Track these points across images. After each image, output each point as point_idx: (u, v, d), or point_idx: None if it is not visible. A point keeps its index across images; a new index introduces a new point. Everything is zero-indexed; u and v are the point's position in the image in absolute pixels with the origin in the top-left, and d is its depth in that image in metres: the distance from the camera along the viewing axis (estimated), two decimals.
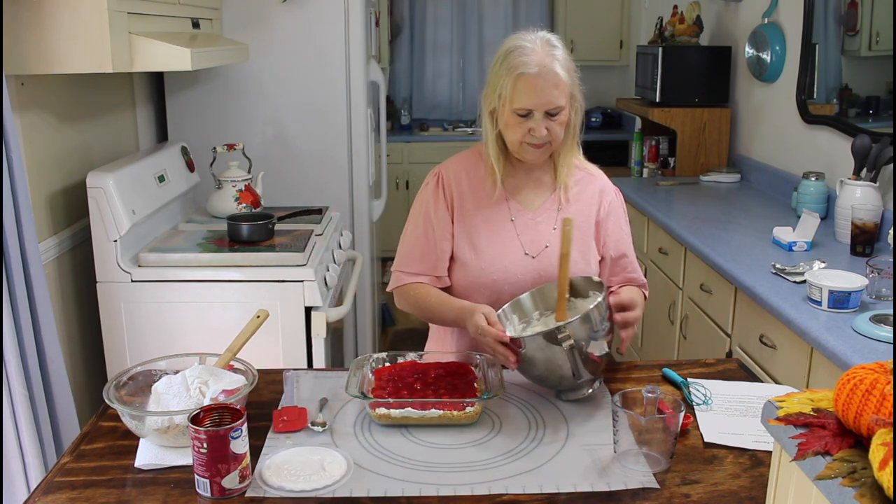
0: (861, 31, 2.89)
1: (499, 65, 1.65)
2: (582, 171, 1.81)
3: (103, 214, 2.31)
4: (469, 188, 1.77)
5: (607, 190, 1.82)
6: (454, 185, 1.77)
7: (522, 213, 1.76)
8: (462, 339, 1.82)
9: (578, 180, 1.79)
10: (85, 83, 2.59)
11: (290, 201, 3.16)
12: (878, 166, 2.59)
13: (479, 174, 1.77)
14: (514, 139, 1.67)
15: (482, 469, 1.32)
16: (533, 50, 1.62)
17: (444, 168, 1.80)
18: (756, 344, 2.29)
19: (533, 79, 1.60)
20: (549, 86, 1.61)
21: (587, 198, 1.79)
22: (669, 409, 1.34)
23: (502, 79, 1.63)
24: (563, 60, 1.65)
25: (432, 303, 1.72)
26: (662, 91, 3.88)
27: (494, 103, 1.67)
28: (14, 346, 1.91)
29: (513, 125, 1.65)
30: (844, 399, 0.90)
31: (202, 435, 1.20)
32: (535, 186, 1.78)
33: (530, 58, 1.61)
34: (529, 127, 1.63)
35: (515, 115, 1.63)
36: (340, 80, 3.19)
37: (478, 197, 1.76)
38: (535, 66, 1.60)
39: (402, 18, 5.97)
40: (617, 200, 1.83)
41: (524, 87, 1.60)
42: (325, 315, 2.37)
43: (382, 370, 1.59)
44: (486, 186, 1.76)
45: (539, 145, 1.66)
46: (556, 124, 1.65)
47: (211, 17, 2.91)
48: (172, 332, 2.36)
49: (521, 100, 1.61)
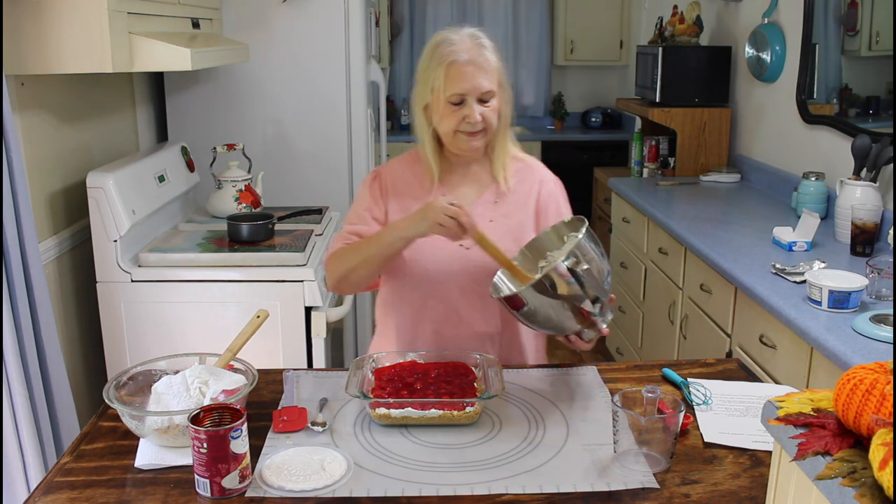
0: (861, 31, 2.89)
1: (427, 59, 1.68)
2: (520, 163, 1.83)
3: (103, 214, 2.31)
4: (406, 185, 1.79)
5: (546, 180, 1.84)
6: (390, 184, 1.79)
7: None
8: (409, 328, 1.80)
9: (516, 171, 1.81)
10: (85, 83, 2.59)
11: (290, 201, 3.16)
12: (878, 166, 2.59)
13: (417, 172, 1.79)
14: (448, 129, 1.68)
15: (482, 469, 1.32)
16: (460, 41, 1.66)
17: (384, 167, 1.83)
18: (756, 344, 2.29)
19: (463, 65, 1.63)
20: (479, 71, 1.64)
21: (526, 188, 1.80)
22: (669, 409, 1.34)
23: (433, 71, 1.66)
24: (490, 48, 1.68)
25: (363, 244, 1.69)
26: (662, 91, 3.88)
27: (427, 98, 1.69)
28: (14, 346, 1.91)
29: (447, 115, 1.67)
30: (844, 399, 0.90)
31: (202, 435, 1.20)
32: (471, 181, 1.80)
33: (459, 46, 1.65)
34: (464, 114, 1.65)
35: (449, 104, 1.65)
36: (340, 80, 3.19)
37: (416, 193, 1.78)
38: (464, 53, 1.64)
39: (402, 18, 5.97)
40: (557, 189, 1.85)
41: (455, 73, 1.63)
42: (325, 315, 2.37)
43: (382, 370, 1.59)
44: (424, 184, 1.78)
45: (474, 133, 1.68)
46: (490, 111, 1.67)
47: (211, 17, 2.91)
48: (172, 332, 2.36)
49: (453, 86, 1.63)
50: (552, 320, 1.51)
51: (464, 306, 1.74)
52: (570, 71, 6.07)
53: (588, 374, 1.68)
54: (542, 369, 1.71)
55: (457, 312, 1.75)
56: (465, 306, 1.74)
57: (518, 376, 1.66)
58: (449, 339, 1.76)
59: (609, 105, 5.97)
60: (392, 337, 1.83)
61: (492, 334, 1.77)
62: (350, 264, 1.69)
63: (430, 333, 1.77)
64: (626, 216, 3.69)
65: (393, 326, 1.82)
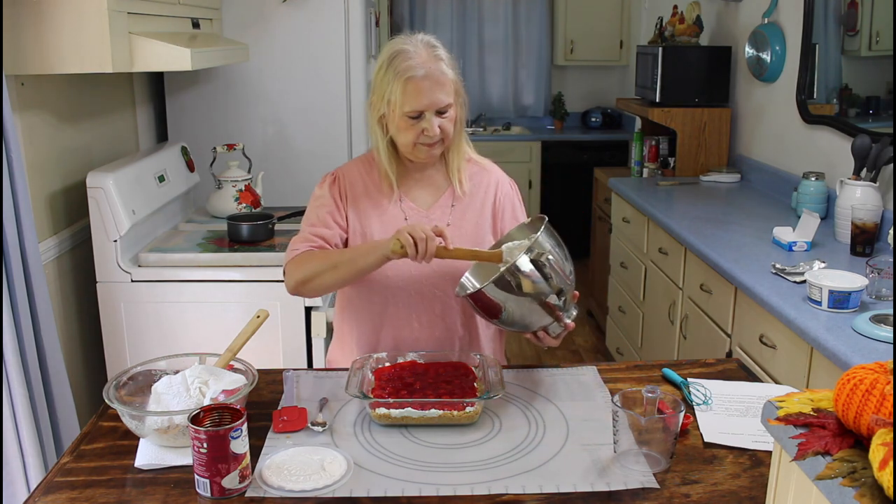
0: (861, 31, 2.89)
1: (383, 71, 1.66)
2: (476, 166, 1.84)
3: (103, 214, 2.31)
4: (364, 190, 1.78)
5: (502, 182, 1.85)
6: (348, 187, 1.78)
7: (416, 212, 1.77)
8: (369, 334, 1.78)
9: (472, 175, 1.82)
10: (85, 83, 2.59)
11: (290, 201, 3.16)
12: (878, 166, 2.59)
13: (373, 178, 1.79)
14: (406, 142, 1.68)
15: (482, 469, 1.32)
16: (416, 53, 1.64)
17: (341, 170, 1.82)
18: (756, 344, 2.29)
19: (420, 81, 1.62)
20: (436, 86, 1.63)
21: (482, 191, 1.81)
22: (669, 409, 1.34)
23: (390, 84, 1.64)
24: (447, 59, 1.68)
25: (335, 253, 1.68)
26: (662, 91, 3.88)
27: (383, 109, 1.68)
28: (14, 346, 1.91)
29: (405, 128, 1.66)
30: (844, 399, 0.90)
31: (202, 435, 1.20)
32: (428, 185, 1.80)
33: (415, 61, 1.63)
34: (422, 128, 1.65)
35: (407, 118, 1.65)
36: (340, 80, 3.19)
37: (373, 198, 1.77)
38: (421, 69, 1.62)
39: (402, 18, 5.97)
40: (512, 191, 1.86)
41: (413, 90, 1.62)
42: (325, 315, 2.37)
43: (382, 370, 1.59)
44: (382, 189, 1.77)
45: (432, 144, 1.68)
46: (447, 121, 1.68)
47: (211, 17, 2.91)
48: (172, 332, 2.36)
49: (411, 102, 1.63)
50: (517, 315, 1.52)
51: (424, 311, 1.75)
52: (570, 71, 6.07)
53: (588, 374, 1.68)
54: (542, 369, 1.71)
55: (417, 317, 1.75)
56: (425, 311, 1.75)
57: (518, 376, 1.66)
58: (409, 343, 1.76)
59: (609, 105, 5.97)
60: (352, 343, 1.81)
61: (452, 338, 1.78)
62: (315, 269, 1.65)
63: (391, 339, 1.77)
64: (626, 216, 3.69)
65: (352, 332, 1.81)
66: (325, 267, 1.65)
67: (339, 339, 1.87)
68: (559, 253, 1.52)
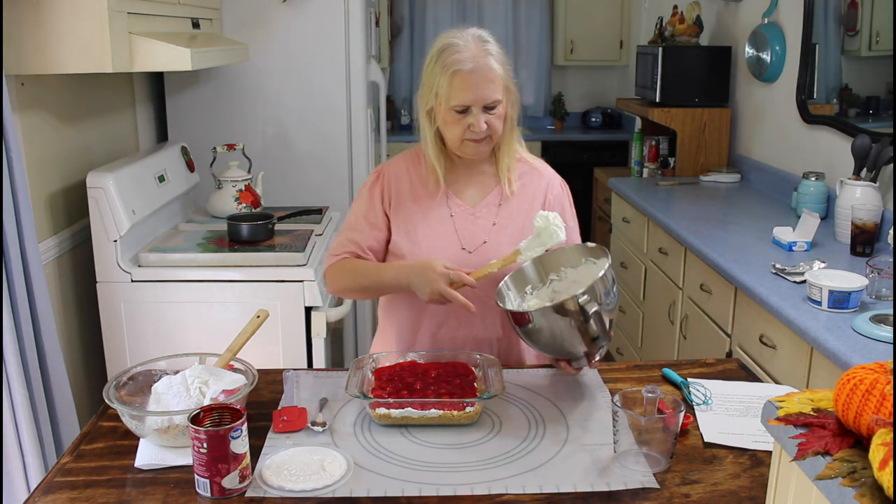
0: (861, 31, 2.89)
1: (433, 64, 1.66)
2: (526, 165, 1.82)
3: (103, 214, 2.31)
4: (409, 185, 1.78)
5: (553, 183, 1.83)
6: (394, 183, 1.78)
7: (462, 209, 1.76)
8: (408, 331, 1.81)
9: (522, 174, 1.80)
10: (85, 83, 2.59)
11: (290, 201, 3.16)
12: (878, 166, 2.59)
13: (420, 172, 1.78)
14: (453, 136, 1.68)
15: (482, 469, 1.32)
16: (465, 47, 1.63)
17: (387, 165, 1.81)
18: (756, 344, 2.29)
19: (468, 75, 1.61)
20: (484, 80, 1.62)
21: (531, 192, 1.79)
22: (669, 409, 1.34)
23: (437, 77, 1.64)
24: (497, 54, 1.66)
25: (371, 266, 1.73)
26: (662, 91, 3.88)
27: (431, 102, 1.67)
28: (14, 346, 1.91)
29: (451, 122, 1.66)
30: (844, 399, 0.90)
31: (202, 435, 1.20)
32: (476, 182, 1.79)
33: (463, 54, 1.62)
34: (469, 123, 1.64)
35: (453, 112, 1.64)
36: (340, 80, 3.19)
37: (418, 194, 1.77)
38: (469, 62, 1.61)
39: (402, 18, 5.97)
40: (563, 193, 1.84)
41: (460, 83, 1.61)
42: (325, 315, 2.37)
43: (382, 370, 1.59)
44: (428, 185, 1.77)
45: (479, 140, 1.67)
46: (495, 118, 1.66)
47: (211, 17, 2.91)
48: (172, 332, 2.36)
49: (457, 96, 1.62)
50: (549, 343, 1.53)
51: (462, 311, 1.74)
52: (570, 71, 6.07)
53: (588, 374, 1.68)
54: (542, 369, 1.71)
55: (456, 316, 1.74)
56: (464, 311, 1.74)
57: (518, 376, 1.66)
58: (447, 342, 1.76)
59: (609, 105, 5.97)
60: (392, 337, 1.83)
61: (490, 339, 1.77)
62: (348, 285, 1.76)
63: (429, 336, 1.77)
64: (626, 216, 3.69)
65: (392, 327, 1.83)
66: (356, 287, 1.76)
67: (381, 332, 1.89)
68: (613, 295, 1.51)
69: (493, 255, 1.69)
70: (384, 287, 1.73)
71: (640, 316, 3.45)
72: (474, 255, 1.72)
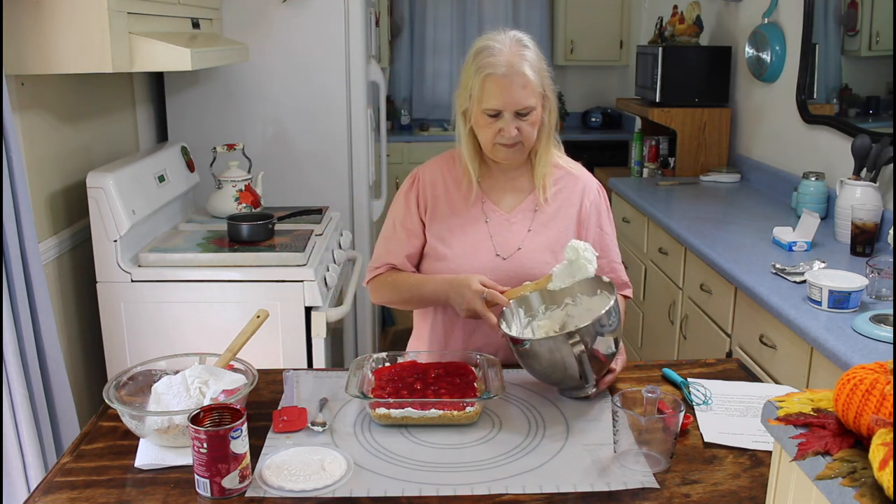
0: (861, 31, 2.89)
1: (469, 65, 1.66)
2: (563, 170, 1.80)
3: (103, 214, 2.31)
4: (444, 189, 1.77)
5: (589, 189, 1.80)
6: (429, 187, 1.78)
7: (497, 214, 1.76)
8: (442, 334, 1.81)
9: (558, 179, 1.78)
10: (85, 83, 2.59)
11: (290, 201, 3.16)
12: (878, 166, 2.59)
13: (455, 175, 1.78)
14: (486, 139, 1.67)
15: (482, 469, 1.32)
16: (501, 50, 1.62)
17: (422, 170, 1.81)
18: (756, 344, 2.29)
19: (500, 79, 1.60)
20: (516, 86, 1.60)
21: (566, 197, 1.78)
22: (669, 409, 1.34)
23: (471, 79, 1.63)
24: (533, 61, 1.64)
25: (412, 280, 1.76)
26: (662, 91, 3.88)
27: (466, 103, 1.67)
28: (14, 346, 1.91)
29: (483, 125, 1.65)
30: (844, 399, 0.90)
31: (202, 435, 1.20)
32: (511, 188, 1.78)
33: (498, 58, 1.60)
34: (500, 127, 1.63)
35: (485, 115, 1.63)
36: (340, 80, 3.19)
37: (453, 198, 1.76)
38: (503, 67, 1.60)
39: (402, 18, 5.97)
40: (599, 198, 1.82)
41: (492, 87, 1.60)
42: (325, 315, 2.37)
43: (382, 370, 1.59)
44: (462, 188, 1.76)
45: (510, 145, 1.66)
46: (527, 124, 1.64)
47: (211, 17, 2.91)
48: (172, 332, 2.36)
49: (489, 100, 1.61)
50: (543, 372, 1.53)
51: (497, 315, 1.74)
52: (570, 71, 6.07)
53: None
54: None
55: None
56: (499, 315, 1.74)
57: (518, 376, 1.65)
58: (480, 346, 1.76)
59: (609, 105, 5.97)
60: (425, 338, 1.84)
61: None
62: (390, 299, 1.81)
63: (461, 340, 1.78)
64: (626, 216, 3.69)
65: (426, 328, 1.84)
66: (398, 300, 1.80)
67: (416, 332, 1.90)
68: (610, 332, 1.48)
69: (528, 261, 1.69)
70: (424, 301, 1.76)
71: (640, 316, 3.46)
72: (508, 261, 1.72)
